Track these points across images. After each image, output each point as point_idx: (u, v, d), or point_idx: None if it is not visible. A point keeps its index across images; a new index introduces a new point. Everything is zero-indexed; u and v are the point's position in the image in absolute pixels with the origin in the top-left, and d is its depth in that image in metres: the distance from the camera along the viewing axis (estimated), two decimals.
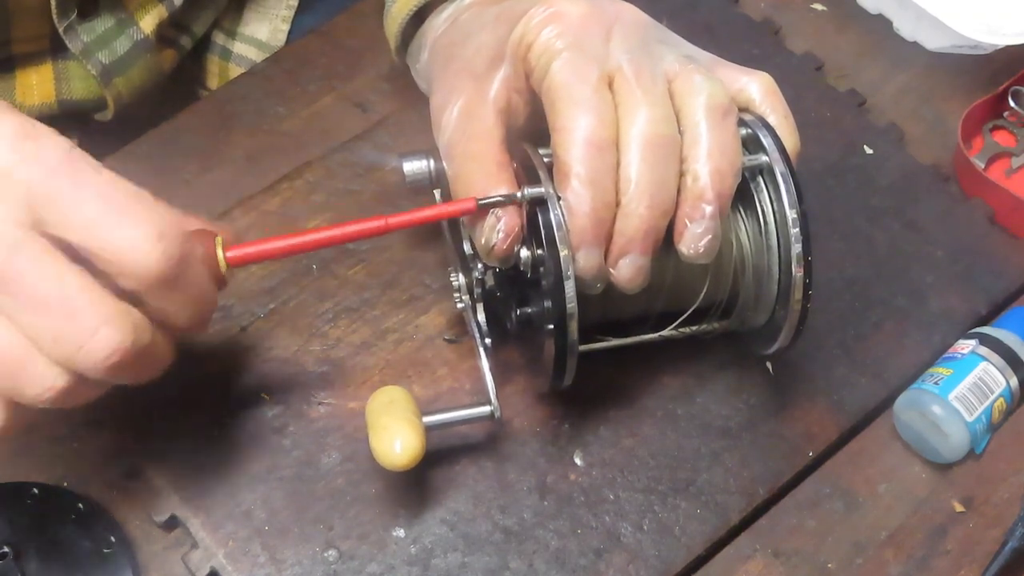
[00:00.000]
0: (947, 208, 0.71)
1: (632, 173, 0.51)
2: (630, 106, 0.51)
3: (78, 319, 0.44)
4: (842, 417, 0.62)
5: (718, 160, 0.52)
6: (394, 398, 0.56)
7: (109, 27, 0.73)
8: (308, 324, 0.63)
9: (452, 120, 0.56)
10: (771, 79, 0.57)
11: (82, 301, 0.44)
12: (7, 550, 0.54)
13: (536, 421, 0.61)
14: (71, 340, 0.44)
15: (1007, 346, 0.62)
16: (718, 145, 0.52)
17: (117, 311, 0.45)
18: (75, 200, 0.44)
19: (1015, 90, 0.75)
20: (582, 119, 0.51)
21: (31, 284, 0.44)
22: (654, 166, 0.51)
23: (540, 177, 0.52)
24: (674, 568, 0.57)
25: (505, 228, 0.53)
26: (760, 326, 0.58)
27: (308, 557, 0.57)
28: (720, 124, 0.52)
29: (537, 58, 0.53)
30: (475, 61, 0.56)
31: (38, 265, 0.44)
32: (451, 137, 0.55)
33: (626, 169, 0.51)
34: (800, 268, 0.53)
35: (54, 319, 0.44)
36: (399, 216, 0.52)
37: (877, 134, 0.73)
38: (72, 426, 0.60)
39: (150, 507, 0.57)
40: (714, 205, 0.51)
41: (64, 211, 0.44)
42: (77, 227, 0.44)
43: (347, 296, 0.64)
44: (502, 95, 0.55)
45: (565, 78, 0.52)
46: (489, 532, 0.58)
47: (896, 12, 0.78)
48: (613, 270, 0.52)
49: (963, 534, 0.60)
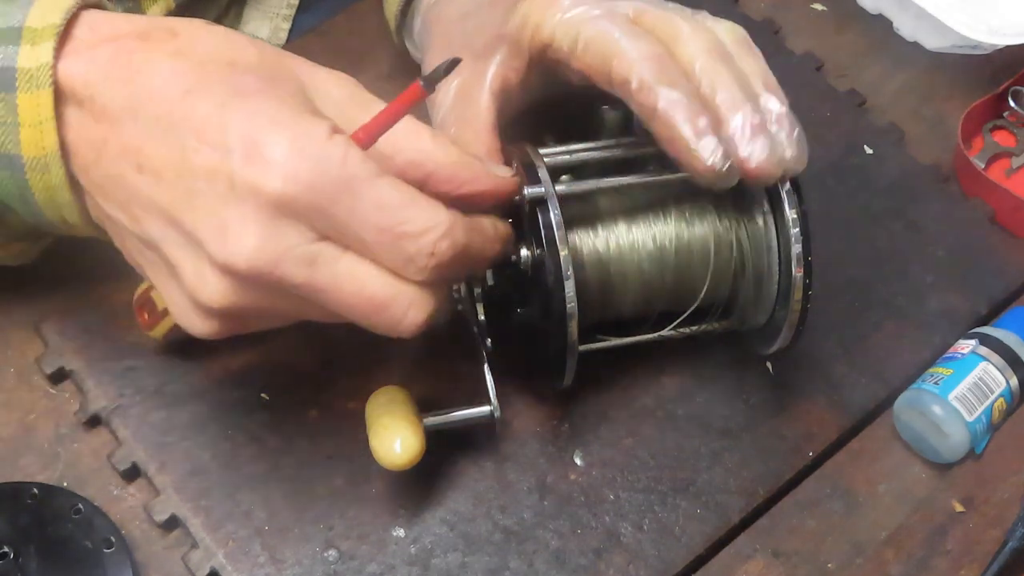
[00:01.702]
0: (947, 208, 0.71)
1: (712, 74, 0.52)
2: (674, 31, 0.53)
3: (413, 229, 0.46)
4: (842, 417, 0.62)
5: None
6: (394, 398, 0.56)
7: None
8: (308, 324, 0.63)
9: (448, 100, 0.56)
10: (742, 29, 0.56)
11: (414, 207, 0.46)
12: (7, 550, 0.54)
13: (536, 421, 0.61)
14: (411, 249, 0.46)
15: (1007, 346, 0.62)
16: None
17: (442, 214, 0.46)
18: (358, 223, 0.45)
19: (1015, 90, 0.75)
20: (640, 46, 0.51)
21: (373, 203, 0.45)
22: (728, 62, 0.52)
23: (540, 177, 0.52)
24: (674, 568, 0.57)
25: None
26: (760, 326, 0.58)
27: (308, 557, 0.57)
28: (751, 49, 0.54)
29: (554, 28, 0.53)
30: (474, 40, 0.56)
31: (375, 186, 0.45)
32: (444, 118, 0.56)
33: (705, 75, 0.52)
34: (800, 268, 0.53)
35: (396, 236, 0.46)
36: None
37: (877, 134, 0.73)
38: (72, 426, 0.60)
39: (150, 507, 0.57)
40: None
41: (350, 232, 0.45)
42: (366, 241, 0.46)
43: None
44: (498, 78, 0.56)
45: (602, 28, 0.52)
46: (489, 532, 0.58)
47: (896, 12, 0.78)
48: (745, 154, 0.51)
49: (963, 534, 0.60)
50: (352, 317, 0.48)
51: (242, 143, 0.45)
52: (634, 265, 0.56)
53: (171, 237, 0.47)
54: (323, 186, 0.44)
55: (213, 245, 0.45)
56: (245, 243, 0.45)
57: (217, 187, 0.45)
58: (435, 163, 0.48)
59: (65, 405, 0.60)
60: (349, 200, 0.45)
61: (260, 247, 0.45)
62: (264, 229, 0.45)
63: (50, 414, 0.60)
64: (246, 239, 0.45)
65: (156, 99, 0.46)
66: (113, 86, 0.47)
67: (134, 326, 0.62)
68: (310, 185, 0.44)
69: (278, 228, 0.45)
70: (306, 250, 0.45)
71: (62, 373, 0.61)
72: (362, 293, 0.47)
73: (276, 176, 0.44)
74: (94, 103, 0.47)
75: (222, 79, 0.46)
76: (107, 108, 0.47)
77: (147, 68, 0.47)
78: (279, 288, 0.46)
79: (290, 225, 0.45)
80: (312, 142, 0.44)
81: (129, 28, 0.48)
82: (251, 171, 0.44)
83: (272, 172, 0.44)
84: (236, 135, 0.45)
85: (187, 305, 0.49)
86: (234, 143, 0.45)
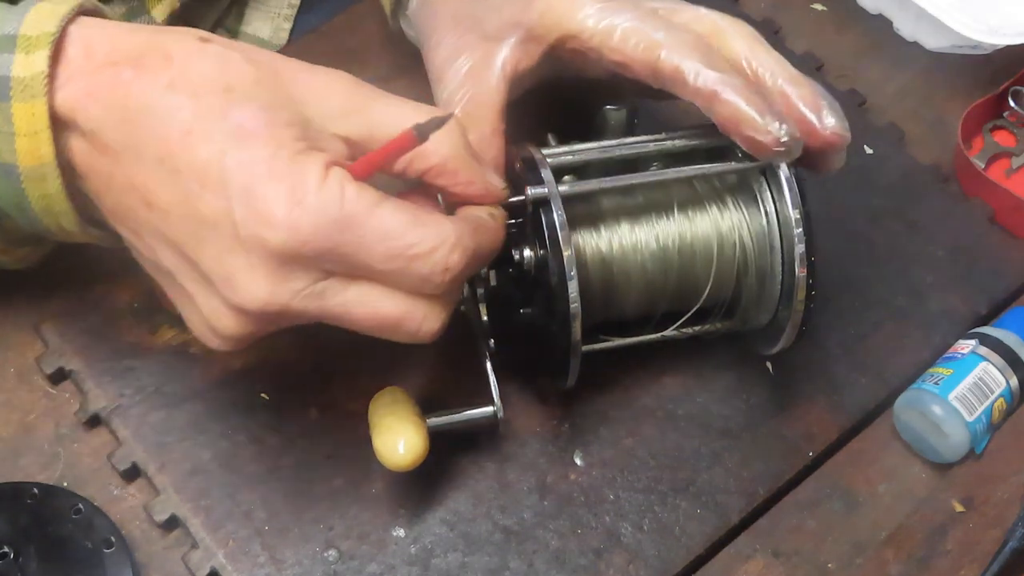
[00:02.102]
0: (947, 208, 0.71)
1: (762, 58, 0.55)
2: (711, 25, 0.56)
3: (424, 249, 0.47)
4: (842, 417, 0.62)
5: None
6: (397, 398, 0.56)
7: (121, 15, 0.72)
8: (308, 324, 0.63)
9: (458, 78, 0.56)
10: (752, 28, 0.58)
11: (419, 232, 0.47)
12: (7, 550, 0.54)
13: (536, 421, 0.61)
14: (425, 270, 0.47)
15: (1007, 346, 0.62)
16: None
17: (445, 225, 0.47)
18: (365, 255, 0.46)
19: (1015, 90, 0.75)
20: (686, 37, 0.53)
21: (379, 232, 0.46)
22: (768, 48, 0.55)
23: (543, 177, 0.52)
24: (674, 568, 0.57)
25: None
26: (763, 326, 0.58)
27: (308, 557, 0.56)
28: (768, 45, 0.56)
29: (583, 20, 0.55)
30: (485, 23, 0.57)
31: (378, 211, 0.46)
32: (452, 94, 0.56)
33: (755, 60, 0.55)
34: (803, 268, 0.53)
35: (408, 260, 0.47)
36: None
37: (877, 134, 0.73)
38: (72, 426, 0.59)
39: (150, 507, 0.57)
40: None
41: (359, 264, 0.47)
42: (377, 269, 0.47)
43: None
44: (510, 62, 0.56)
45: (642, 21, 0.54)
46: (489, 532, 0.58)
47: (896, 12, 0.78)
48: (822, 125, 0.54)
49: (963, 534, 0.60)
50: (369, 334, 0.49)
51: (242, 194, 0.45)
52: (637, 265, 0.56)
53: (185, 271, 0.48)
54: (326, 232, 0.45)
55: (224, 290, 0.47)
56: (254, 292, 0.46)
57: (223, 234, 0.46)
58: (441, 156, 0.49)
59: (65, 405, 0.60)
60: (353, 237, 0.46)
61: (270, 293, 0.46)
62: (272, 278, 0.46)
63: (50, 414, 0.60)
64: (254, 289, 0.46)
65: (157, 139, 0.47)
66: (113, 124, 0.47)
67: (134, 326, 0.62)
68: (313, 234, 0.45)
69: (285, 275, 0.46)
70: (314, 288, 0.47)
71: (62, 373, 0.61)
72: (376, 316, 0.48)
73: (279, 230, 0.45)
74: (96, 138, 0.48)
75: (220, 115, 0.46)
76: (109, 145, 0.48)
77: (144, 106, 0.47)
78: (294, 318, 0.48)
79: (297, 270, 0.46)
80: (309, 190, 0.45)
81: (124, 49, 0.48)
82: (253, 224, 0.45)
83: (274, 226, 0.45)
84: (236, 186, 0.45)
85: (205, 329, 0.50)
86: (234, 193, 0.45)
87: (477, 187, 0.50)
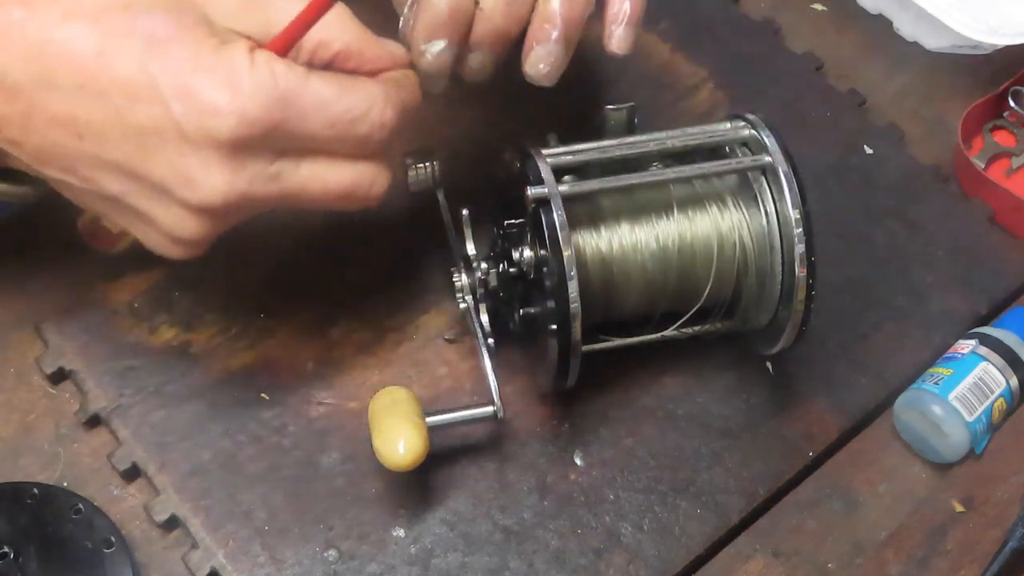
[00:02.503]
0: (947, 208, 0.71)
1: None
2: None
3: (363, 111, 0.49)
4: (842, 417, 0.62)
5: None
6: (397, 398, 0.55)
7: None
8: (308, 324, 0.63)
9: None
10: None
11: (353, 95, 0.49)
12: (7, 550, 0.54)
13: (536, 421, 0.61)
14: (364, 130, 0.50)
15: (1007, 346, 0.62)
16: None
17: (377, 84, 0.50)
18: (309, 127, 0.48)
19: (1015, 90, 0.75)
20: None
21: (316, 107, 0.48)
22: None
23: (543, 178, 0.52)
24: (674, 568, 0.57)
25: None
26: (763, 326, 0.58)
27: (308, 557, 0.56)
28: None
29: None
30: None
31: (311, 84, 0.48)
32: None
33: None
34: (803, 268, 0.53)
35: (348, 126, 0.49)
36: None
37: (877, 134, 0.73)
38: (72, 426, 0.59)
39: (150, 507, 0.57)
40: (559, 29, 0.54)
41: (304, 138, 0.48)
42: (321, 138, 0.49)
43: (347, 296, 0.64)
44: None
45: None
46: (489, 532, 0.58)
47: (896, 12, 0.78)
48: (463, 64, 0.55)
49: (963, 534, 0.60)
50: (324, 208, 0.52)
51: (178, 94, 0.46)
52: (637, 265, 0.56)
53: (134, 190, 0.49)
54: (268, 111, 0.47)
55: (184, 192, 0.48)
56: (215, 185, 0.47)
57: (168, 139, 0.47)
58: (343, 42, 0.50)
59: (65, 405, 0.60)
60: (295, 111, 0.48)
61: (229, 183, 0.47)
62: (228, 167, 0.47)
63: (50, 414, 0.60)
64: (214, 182, 0.47)
65: (69, 68, 0.47)
66: (18, 65, 0.47)
67: (134, 326, 0.62)
68: (259, 115, 0.47)
69: (240, 163, 0.47)
70: (269, 170, 0.48)
71: (62, 373, 0.61)
72: (328, 188, 0.50)
73: (227, 117, 0.46)
74: (2, 84, 0.47)
75: (128, 30, 0.47)
76: (19, 87, 0.47)
77: (45, 40, 0.47)
78: (253, 207, 0.50)
79: (250, 154, 0.48)
80: (243, 74, 0.46)
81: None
82: (198, 119, 0.46)
83: (221, 115, 0.46)
84: (168, 88, 0.46)
85: (165, 241, 0.51)
86: (169, 95, 0.46)
87: (384, 60, 0.52)
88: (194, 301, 0.63)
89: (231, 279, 0.64)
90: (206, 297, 0.63)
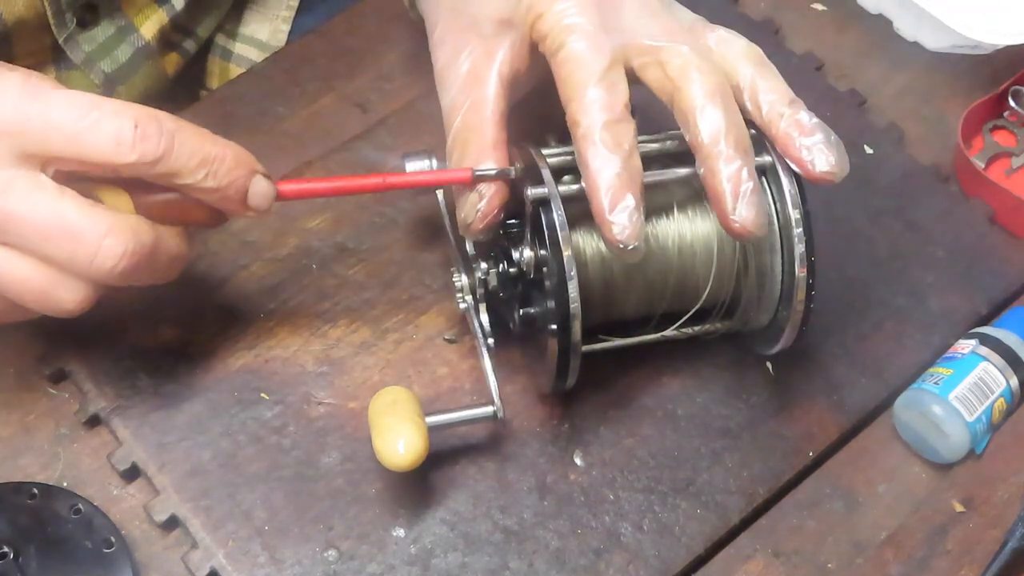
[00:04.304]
0: (947, 208, 0.71)
1: (709, 119, 0.51)
2: (681, 66, 0.52)
3: (81, 238, 0.49)
4: (842, 417, 0.62)
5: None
6: (397, 398, 0.55)
7: (110, 35, 0.72)
8: (308, 324, 0.63)
9: (458, 82, 0.56)
10: (758, 48, 0.56)
11: (80, 222, 0.49)
12: (7, 550, 0.54)
13: (536, 421, 0.61)
14: (82, 257, 0.49)
15: (1007, 346, 0.62)
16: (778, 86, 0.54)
17: (114, 221, 0.49)
18: (46, 120, 0.48)
19: (1015, 90, 0.75)
20: (602, 95, 0.51)
21: (30, 219, 0.49)
22: (728, 110, 0.51)
23: (543, 178, 0.52)
24: (674, 568, 0.57)
25: (484, 208, 0.55)
26: (763, 326, 0.58)
27: (308, 557, 0.56)
28: (769, 67, 0.55)
29: (550, 28, 0.53)
30: (483, 22, 0.56)
31: (31, 200, 0.48)
32: (454, 100, 0.56)
33: (702, 118, 0.51)
34: (803, 268, 0.53)
35: (61, 243, 0.49)
36: (397, 176, 0.56)
37: (877, 134, 0.73)
38: (72, 426, 0.59)
39: (150, 507, 0.57)
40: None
41: (41, 133, 0.48)
42: (58, 141, 0.48)
43: (347, 296, 0.64)
44: (507, 64, 0.56)
45: (580, 52, 0.52)
46: (489, 532, 0.58)
47: (896, 12, 0.78)
48: (736, 217, 0.51)
49: (963, 534, 0.60)
50: (21, 303, 0.51)
51: None
52: (637, 265, 0.56)
53: None
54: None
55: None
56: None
57: None
58: None
59: (65, 405, 0.60)
60: None
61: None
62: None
63: (50, 414, 0.60)
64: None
65: None
66: None
67: (134, 326, 0.62)
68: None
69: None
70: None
71: (62, 373, 0.61)
72: (24, 285, 0.50)
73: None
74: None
75: None
76: None
77: None
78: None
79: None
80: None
81: None
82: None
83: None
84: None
85: None
86: None
87: None
88: (194, 301, 0.63)
89: (231, 279, 0.64)
90: (206, 297, 0.63)
